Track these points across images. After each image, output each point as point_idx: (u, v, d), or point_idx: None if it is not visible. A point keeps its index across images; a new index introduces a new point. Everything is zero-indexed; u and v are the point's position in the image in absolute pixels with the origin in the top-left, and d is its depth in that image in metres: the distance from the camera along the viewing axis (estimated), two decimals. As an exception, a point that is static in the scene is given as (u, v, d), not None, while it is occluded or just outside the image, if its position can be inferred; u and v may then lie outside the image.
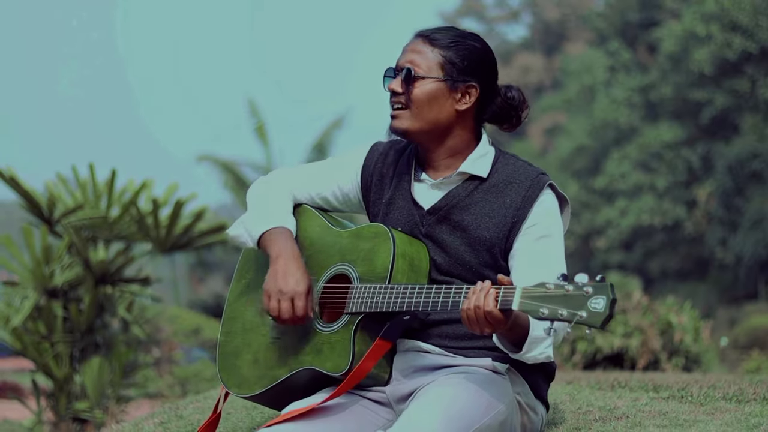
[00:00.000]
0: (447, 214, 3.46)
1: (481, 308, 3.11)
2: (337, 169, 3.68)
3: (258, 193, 3.68)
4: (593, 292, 2.94)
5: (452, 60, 3.46)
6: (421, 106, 3.46)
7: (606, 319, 2.92)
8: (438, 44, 3.47)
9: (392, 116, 3.49)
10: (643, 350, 9.92)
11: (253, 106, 27.96)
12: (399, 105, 3.47)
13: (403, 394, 3.42)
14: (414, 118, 3.47)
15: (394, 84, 3.48)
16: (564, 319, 2.96)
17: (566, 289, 2.97)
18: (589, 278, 2.96)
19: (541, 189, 3.43)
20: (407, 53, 3.50)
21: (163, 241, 9.95)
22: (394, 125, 3.49)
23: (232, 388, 3.61)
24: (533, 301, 3.00)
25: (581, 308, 2.94)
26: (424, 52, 3.47)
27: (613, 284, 2.96)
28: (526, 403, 3.45)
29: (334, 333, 3.42)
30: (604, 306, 2.92)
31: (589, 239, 40.47)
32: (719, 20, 36.22)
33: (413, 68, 3.46)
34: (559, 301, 2.97)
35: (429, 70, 3.46)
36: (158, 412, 4.90)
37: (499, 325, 3.12)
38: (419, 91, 3.45)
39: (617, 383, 5.03)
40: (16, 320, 9.48)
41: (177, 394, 15.42)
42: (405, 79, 3.46)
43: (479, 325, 3.14)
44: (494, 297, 3.10)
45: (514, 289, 3.07)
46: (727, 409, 4.03)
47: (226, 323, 3.70)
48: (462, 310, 3.16)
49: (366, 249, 3.46)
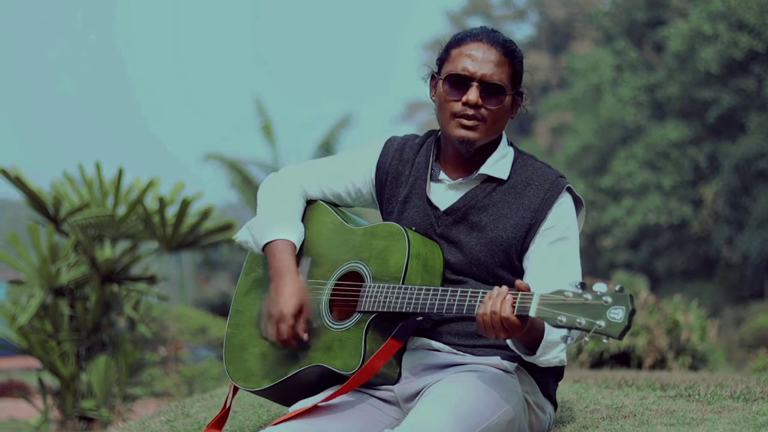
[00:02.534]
0: (465, 214, 3.45)
1: (498, 314, 3.10)
2: (351, 164, 3.66)
3: (268, 193, 3.66)
4: (612, 302, 2.93)
5: (517, 72, 3.45)
6: (497, 121, 3.43)
7: (624, 330, 2.92)
8: (506, 53, 3.42)
9: (465, 126, 3.41)
10: (650, 349, 9.89)
11: (260, 105, 27.93)
12: (475, 118, 3.40)
13: (411, 392, 3.41)
14: (488, 131, 3.43)
15: (474, 96, 3.39)
16: (582, 328, 2.95)
17: (585, 297, 2.96)
18: (607, 287, 2.95)
19: (560, 191, 3.43)
20: (484, 63, 3.41)
21: (170, 240, 9.95)
22: (468, 136, 3.41)
23: (238, 381, 3.59)
24: (551, 309, 2.99)
25: (600, 317, 2.93)
26: (501, 65, 3.41)
27: (633, 295, 2.94)
28: (534, 401, 3.44)
29: (345, 331, 3.41)
30: (623, 316, 2.91)
31: (595, 238, 40.42)
32: (726, 19, 36.15)
33: (501, 84, 3.40)
34: (578, 309, 2.96)
35: (508, 88, 3.42)
36: (165, 411, 4.90)
37: (515, 331, 3.11)
38: (501, 108, 3.42)
39: (624, 382, 5.02)
40: (22, 319, 9.48)
41: (183, 392, 15.41)
42: (489, 93, 3.40)
43: (495, 331, 3.12)
44: (511, 303, 3.09)
45: (531, 295, 3.05)
46: (735, 408, 4.01)
47: (233, 315, 3.68)
48: (478, 315, 3.15)
49: (380, 248, 3.44)
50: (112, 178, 9.93)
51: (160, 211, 9.71)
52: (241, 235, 3.67)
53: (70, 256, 9.71)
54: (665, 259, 39.09)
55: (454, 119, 3.42)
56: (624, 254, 39.60)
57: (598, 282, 2.99)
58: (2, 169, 9.70)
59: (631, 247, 39.78)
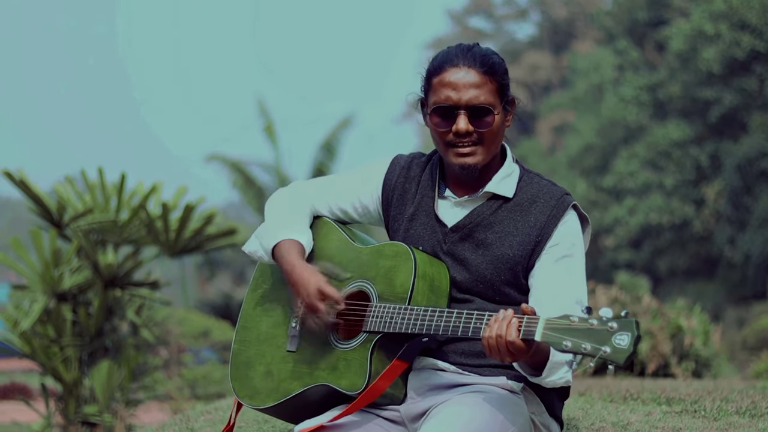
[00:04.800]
0: (470, 232, 3.44)
1: (503, 337, 3.09)
2: (358, 181, 3.65)
3: (276, 206, 3.66)
4: (618, 328, 2.92)
5: (502, 84, 3.43)
6: (493, 139, 3.42)
7: (629, 357, 2.90)
8: (486, 71, 3.40)
9: (462, 153, 3.40)
10: (653, 354, 9.87)
11: (262, 106, 27.93)
12: (470, 143, 3.40)
13: (417, 412, 3.40)
14: (487, 151, 3.42)
15: (463, 125, 3.37)
16: (587, 354, 2.93)
17: (590, 323, 2.95)
18: (613, 312, 2.94)
19: (566, 209, 3.42)
20: (465, 89, 3.39)
21: (173, 245, 9.93)
22: (469, 162, 3.40)
23: (244, 398, 3.58)
24: (556, 333, 2.98)
25: (605, 344, 2.92)
26: (482, 84, 3.39)
27: (639, 321, 2.93)
28: (540, 422, 3.43)
29: (351, 350, 3.40)
30: (629, 343, 2.90)
31: (597, 238, 40.40)
32: (728, 19, 36.11)
33: (486, 106, 3.38)
34: (583, 334, 2.95)
35: (495, 104, 3.41)
36: (169, 424, 4.89)
37: (521, 354, 3.10)
38: (493, 127, 3.41)
39: (629, 395, 5.01)
40: (25, 324, 9.46)
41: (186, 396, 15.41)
42: (477, 117, 3.39)
43: (501, 354, 3.12)
44: (516, 327, 3.08)
45: (537, 319, 3.05)
46: (741, 425, 4.00)
47: (240, 332, 3.68)
48: (483, 338, 3.14)
49: (386, 267, 3.44)
50: (115, 182, 9.91)
51: (163, 216, 9.70)
52: (250, 246, 3.66)
53: (73, 261, 9.69)
54: (667, 258, 39.06)
55: (450, 148, 3.43)
56: (626, 254, 39.58)
57: (605, 308, 2.97)
58: (7, 172, 9.69)
59: (632, 246, 39.75)
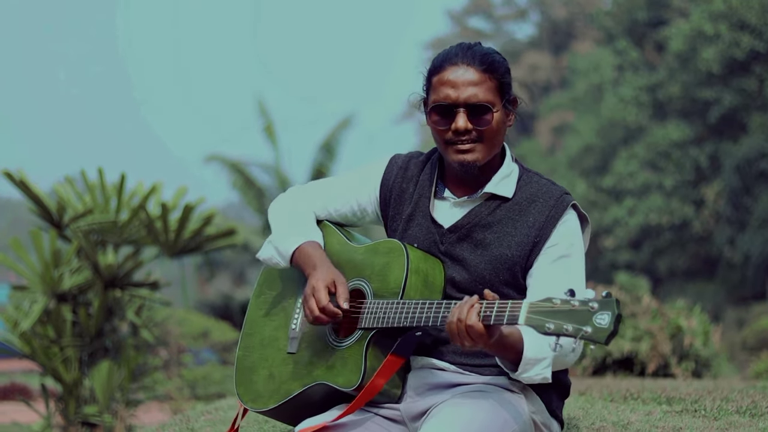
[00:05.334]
0: (469, 232, 3.44)
1: (463, 321, 3.09)
2: (355, 184, 3.66)
3: (280, 212, 3.66)
4: (599, 308, 2.92)
5: (502, 83, 3.42)
6: (492, 138, 3.41)
7: (610, 335, 2.90)
8: (485, 69, 3.40)
9: (462, 150, 3.40)
10: (653, 354, 9.87)
11: (262, 106, 27.93)
12: (470, 141, 3.40)
13: (417, 411, 3.40)
14: (487, 149, 3.42)
15: (462, 123, 3.38)
16: (569, 334, 2.93)
17: (572, 304, 2.95)
18: (595, 294, 2.94)
19: (565, 209, 3.41)
20: (464, 87, 3.39)
21: (172, 245, 9.93)
22: (468, 159, 3.40)
23: (247, 402, 3.60)
24: (539, 316, 2.98)
25: (586, 323, 2.92)
26: (481, 82, 3.39)
27: (619, 300, 2.93)
28: (540, 421, 3.43)
29: (347, 348, 3.42)
30: (609, 321, 2.90)
31: (597, 238, 40.40)
32: (727, 19, 36.11)
33: (485, 104, 3.38)
34: (565, 316, 2.95)
35: (495, 102, 3.40)
36: (170, 424, 4.89)
37: (481, 339, 3.10)
38: (492, 125, 3.40)
39: (629, 394, 5.01)
40: (25, 324, 9.46)
41: (186, 396, 15.41)
42: (475, 114, 3.38)
43: (461, 338, 3.12)
44: (477, 312, 3.09)
45: (505, 305, 3.05)
46: (741, 424, 4.00)
47: (244, 338, 3.70)
48: (447, 324, 3.15)
49: (380, 264, 3.45)
50: (114, 183, 9.91)
51: (163, 216, 9.70)
52: (264, 253, 3.66)
53: (73, 262, 9.69)
54: (667, 259, 39.07)
55: (449, 146, 3.43)
56: (625, 254, 39.58)
57: (587, 289, 2.98)
58: (7, 172, 9.69)
59: (632, 247, 39.75)
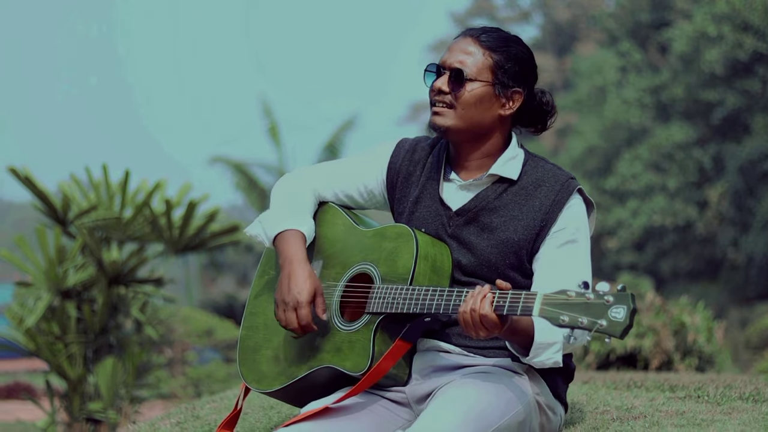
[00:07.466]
0: (475, 215, 3.45)
1: (477, 311, 3.12)
2: (363, 166, 3.67)
3: (281, 192, 3.67)
4: (614, 302, 2.94)
5: (502, 64, 3.44)
6: (467, 108, 3.44)
7: (626, 329, 2.93)
8: (488, 46, 3.44)
9: (435, 112, 3.46)
10: (657, 350, 9.87)
11: (266, 107, 27.97)
12: (443, 104, 3.44)
13: (422, 393, 3.42)
14: (458, 117, 3.44)
15: (439, 82, 3.45)
16: (584, 327, 2.95)
17: (587, 297, 2.97)
18: (610, 287, 2.96)
19: (571, 193, 3.43)
20: (456, 52, 3.45)
21: (176, 242, 9.96)
22: (437, 121, 3.45)
23: (251, 383, 3.61)
24: (554, 308, 3.00)
25: (602, 317, 2.94)
26: (474, 54, 3.44)
27: (634, 294, 2.95)
28: (545, 403, 3.44)
29: (354, 332, 3.42)
30: (625, 315, 2.92)
31: (600, 240, 40.39)
32: (731, 21, 36.11)
33: (464, 69, 3.43)
34: (580, 309, 2.97)
35: (479, 73, 3.43)
36: (174, 413, 4.90)
37: (494, 328, 3.13)
38: (468, 94, 3.42)
39: (633, 383, 5.03)
40: (29, 321, 9.49)
41: (190, 394, 15.46)
42: (454, 79, 3.43)
43: (475, 328, 3.15)
44: (490, 301, 3.11)
45: (519, 295, 3.08)
46: (744, 409, 4.02)
47: (247, 318, 3.70)
48: (459, 313, 3.17)
49: (389, 249, 3.45)
50: (119, 180, 9.94)
51: (167, 213, 9.73)
52: (252, 229, 3.68)
53: (77, 259, 9.72)
54: (670, 260, 39.04)
55: (430, 108, 3.49)
56: (629, 256, 39.57)
57: (602, 282, 3.00)
58: (13, 169, 9.71)
59: (636, 248, 39.73)
